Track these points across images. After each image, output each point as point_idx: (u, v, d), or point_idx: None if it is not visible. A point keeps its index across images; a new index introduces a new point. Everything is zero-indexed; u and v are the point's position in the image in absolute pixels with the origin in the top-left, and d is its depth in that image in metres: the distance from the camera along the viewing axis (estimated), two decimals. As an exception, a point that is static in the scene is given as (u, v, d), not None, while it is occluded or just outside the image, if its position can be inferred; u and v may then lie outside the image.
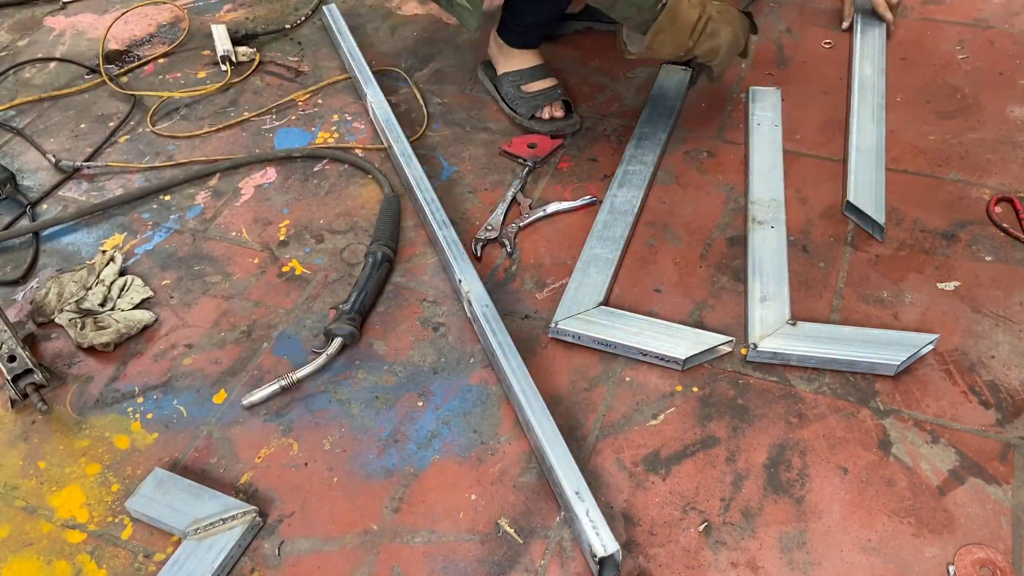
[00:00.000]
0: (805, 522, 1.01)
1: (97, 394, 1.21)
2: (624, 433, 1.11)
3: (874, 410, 1.11)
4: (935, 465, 1.05)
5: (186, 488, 1.07)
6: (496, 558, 1.00)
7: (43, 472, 1.13)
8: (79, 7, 2.06)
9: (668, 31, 1.29)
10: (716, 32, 1.33)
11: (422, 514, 1.05)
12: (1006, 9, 1.77)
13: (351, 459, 1.11)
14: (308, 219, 1.45)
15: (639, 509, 1.04)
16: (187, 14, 1.96)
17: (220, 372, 1.23)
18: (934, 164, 1.44)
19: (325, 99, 1.71)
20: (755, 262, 1.28)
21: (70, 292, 1.32)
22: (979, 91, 1.57)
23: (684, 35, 1.31)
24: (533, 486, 1.07)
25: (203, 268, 1.38)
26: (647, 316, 1.22)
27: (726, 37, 1.35)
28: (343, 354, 1.23)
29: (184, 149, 1.62)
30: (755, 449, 1.08)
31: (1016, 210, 1.34)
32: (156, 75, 1.81)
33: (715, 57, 1.36)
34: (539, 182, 1.48)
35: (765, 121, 1.53)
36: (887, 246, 1.32)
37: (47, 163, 1.60)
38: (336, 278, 1.35)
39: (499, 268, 1.34)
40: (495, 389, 1.17)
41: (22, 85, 1.82)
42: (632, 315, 1.22)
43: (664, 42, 1.31)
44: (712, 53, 1.35)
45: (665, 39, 1.30)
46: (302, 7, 1.98)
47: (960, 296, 1.24)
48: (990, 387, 1.13)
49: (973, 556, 0.97)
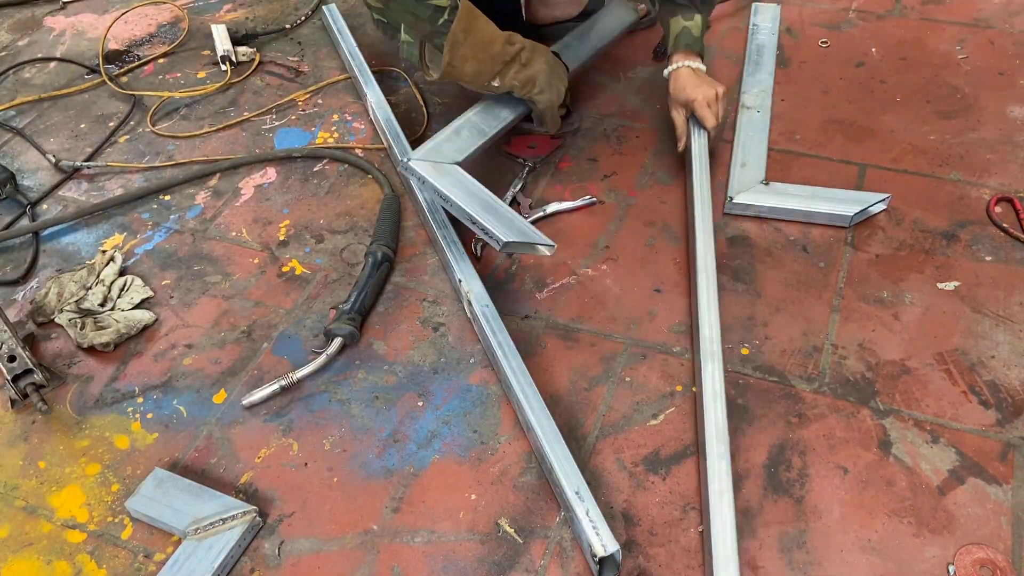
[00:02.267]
0: (805, 522, 1.01)
1: (97, 394, 1.21)
2: (624, 433, 1.11)
3: (874, 410, 1.11)
4: (935, 465, 1.05)
5: (186, 488, 1.07)
6: (496, 558, 1.00)
7: (43, 472, 1.13)
8: (79, 7, 2.06)
9: (466, 45, 1.23)
10: (530, 61, 1.29)
11: (422, 514, 1.05)
12: (1006, 9, 1.77)
13: (351, 459, 1.11)
14: (308, 219, 1.45)
15: (639, 509, 1.04)
16: (187, 14, 1.96)
17: (220, 372, 1.23)
18: (934, 164, 1.44)
19: (325, 99, 1.71)
20: (740, 136, 1.49)
21: (70, 292, 1.32)
22: (979, 91, 1.57)
23: (488, 53, 1.25)
24: (533, 486, 1.07)
25: (203, 268, 1.38)
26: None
27: (540, 67, 1.31)
28: (343, 354, 1.23)
29: (184, 149, 1.62)
30: (755, 449, 1.08)
31: (1016, 210, 1.34)
32: (156, 75, 1.81)
33: (533, 88, 1.31)
34: (539, 182, 1.48)
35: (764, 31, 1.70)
36: (887, 246, 1.32)
37: (47, 163, 1.60)
38: (336, 278, 1.35)
39: (499, 268, 1.34)
40: (495, 389, 1.17)
41: (22, 85, 1.82)
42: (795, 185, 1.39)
43: (466, 58, 1.24)
44: (529, 84, 1.30)
45: (466, 54, 1.24)
46: (302, 7, 1.98)
47: (960, 296, 1.24)
48: (990, 387, 1.13)
49: (973, 556, 0.97)
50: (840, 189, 1.39)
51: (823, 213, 1.34)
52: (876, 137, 1.50)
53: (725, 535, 0.96)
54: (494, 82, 1.29)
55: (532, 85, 1.31)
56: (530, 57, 1.30)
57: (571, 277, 1.32)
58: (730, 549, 0.95)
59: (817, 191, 1.37)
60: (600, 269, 1.32)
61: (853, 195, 1.36)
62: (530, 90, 1.32)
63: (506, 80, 1.29)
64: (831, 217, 1.34)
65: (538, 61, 1.31)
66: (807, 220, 1.35)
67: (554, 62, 1.35)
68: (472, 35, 1.23)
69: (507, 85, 1.31)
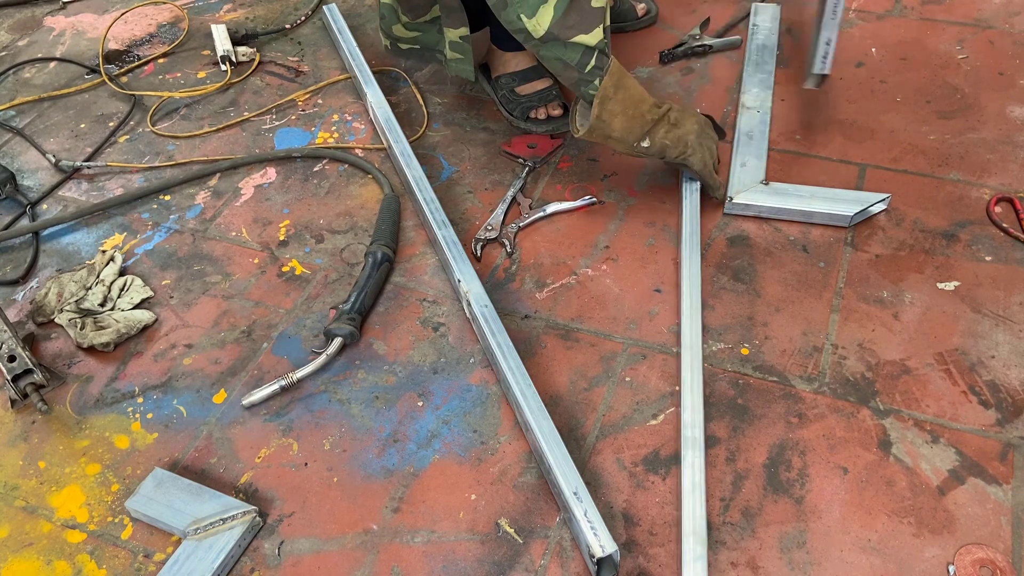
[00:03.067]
0: (805, 522, 1.01)
1: (97, 394, 1.21)
2: (624, 433, 1.11)
3: (874, 410, 1.11)
4: (935, 465, 1.05)
5: (186, 488, 1.07)
6: (496, 558, 1.00)
7: (43, 472, 1.13)
8: (79, 7, 2.06)
9: (616, 100, 1.21)
10: (680, 121, 1.27)
11: (422, 514, 1.05)
12: (1006, 9, 1.77)
13: (351, 459, 1.11)
14: (308, 219, 1.45)
15: (639, 509, 1.04)
16: (187, 14, 1.96)
17: (220, 372, 1.23)
18: (934, 164, 1.44)
19: (325, 99, 1.71)
20: (739, 137, 1.50)
21: (70, 292, 1.32)
22: (979, 91, 1.57)
23: (638, 111, 1.23)
24: (533, 486, 1.07)
25: (203, 268, 1.38)
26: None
27: (691, 127, 1.28)
28: (343, 354, 1.23)
29: (184, 149, 1.62)
30: (755, 449, 1.08)
31: (1016, 210, 1.34)
32: (156, 75, 1.81)
33: (685, 149, 1.27)
34: (539, 182, 1.48)
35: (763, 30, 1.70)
36: (887, 246, 1.32)
37: (47, 163, 1.60)
38: (336, 278, 1.35)
39: (499, 268, 1.34)
40: (495, 389, 1.17)
41: (22, 85, 1.82)
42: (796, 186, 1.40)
43: (615, 113, 1.22)
44: (680, 143, 1.27)
45: (615, 109, 1.22)
46: (302, 7, 1.98)
47: (960, 296, 1.24)
48: (990, 387, 1.13)
49: (973, 556, 0.97)
50: (840, 189, 1.39)
51: (823, 213, 1.34)
52: (876, 137, 1.50)
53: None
54: (643, 142, 1.25)
55: (684, 146, 1.27)
56: (679, 117, 1.27)
57: (571, 277, 1.32)
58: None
59: (817, 191, 1.38)
60: (600, 269, 1.32)
61: (853, 195, 1.36)
62: (682, 151, 1.28)
63: (656, 140, 1.25)
64: (831, 217, 1.34)
65: (688, 121, 1.28)
66: (807, 220, 1.36)
67: (704, 122, 1.32)
68: (622, 91, 1.22)
69: (657, 145, 1.26)
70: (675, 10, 1.83)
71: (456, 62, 1.43)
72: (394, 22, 1.45)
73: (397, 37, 1.47)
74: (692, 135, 1.28)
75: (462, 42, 1.41)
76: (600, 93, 1.21)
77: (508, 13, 1.18)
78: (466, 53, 1.41)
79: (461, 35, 1.40)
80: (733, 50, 1.72)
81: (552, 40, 1.18)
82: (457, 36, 1.40)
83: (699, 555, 0.96)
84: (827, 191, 1.38)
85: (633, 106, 1.23)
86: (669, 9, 1.83)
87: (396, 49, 1.51)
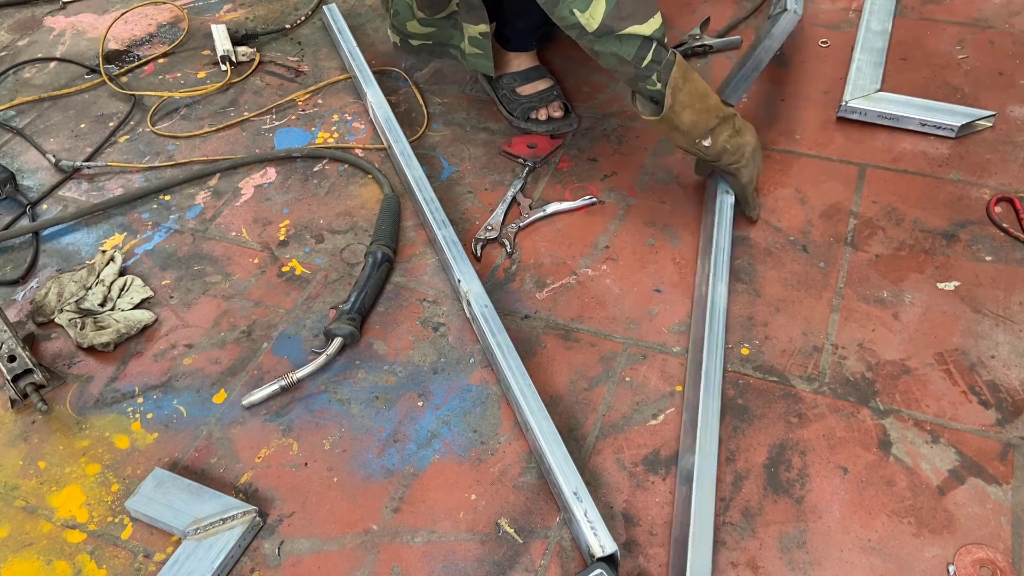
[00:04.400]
0: (805, 522, 1.01)
1: (97, 394, 1.21)
2: (624, 433, 1.11)
3: (874, 410, 1.11)
4: (935, 465, 1.05)
5: (186, 488, 1.07)
6: (496, 558, 1.00)
7: (43, 472, 1.13)
8: (79, 7, 2.06)
9: (685, 92, 1.18)
10: (742, 130, 1.26)
11: (422, 514, 1.05)
12: (1006, 9, 1.77)
13: (351, 459, 1.11)
14: (308, 219, 1.45)
15: (639, 509, 1.04)
16: (187, 14, 1.97)
17: (220, 372, 1.23)
18: (934, 164, 1.44)
19: (325, 99, 1.71)
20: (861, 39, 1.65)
21: (70, 292, 1.32)
22: (979, 91, 1.57)
23: (705, 104, 1.21)
24: (533, 486, 1.07)
25: (203, 268, 1.38)
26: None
27: (750, 139, 1.27)
28: (343, 354, 1.23)
29: (184, 149, 1.62)
30: (755, 449, 1.08)
31: (1016, 210, 1.34)
32: (156, 75, 1.81)
33: (740, 159, 1.25)
34: (539, 182, 1.48)
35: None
36: (887, 246, 1.32)
37: (47, 163, 1.60)
38: (336, 278, 1.35)
39: (499, 268, 1.34)
40: (495, 389, 1.17)
41: (22, 85, 1.82)
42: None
43: (684, 104, 1.19)
44: (738, 151, 1.25)
45: (685, 101, 1.19)
46: (302, 7, 1.98)
47: (960, 296, 1.24)
48: (990, 387, 1.13)
49: (973, 556, 0.97)
50: (947, 103, 1.50)
51: (933, 122, 1.45)
52: (876, 137, 1.50)
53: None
54: (705, 141, 1.23)
55: (740, 156, 1.26)
56: (743, 126, 1.26)
57: (571, 277, 1.32)
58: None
59: (926, 102, 1.49)
60: (600, 269, 1.32)
61: (961, 109, 1.48)
62: (738, 160, 1.26)
63: (718, 141, 1.24)
64: (939, 127, 1.46)
65: (749, 132, 1.27)
66: (916, 129, 1.48)
67: (759, 142, 1.30)
68: (689, 83, 1.20)
69: (718, 147, 1.24)
70: (675, 10, 1.83)
71: (475, 57, 1.44)
72: (409, 18, 1.44)
73: (410, 33, 1.47)
74: (750, 147, 1.27)
75: (482, 38, 1.41)
76: (672, 83, 1.17)
77: (561, 9, 1.15)
78: (486, 49, 1.42)
79: (481, 31, 1.40)
80: (733, 50, 1.72)
81: (606, 34, 1.14)
82: (477, 32, 1.40)
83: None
84: (936, 103, 1.49)
85: (700, 100, 1.21)
86: (669, 9, 1.83)
87: (406, 46, 1.51)
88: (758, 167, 1.31)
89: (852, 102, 1.50)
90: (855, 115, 1.51)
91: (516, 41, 1.57)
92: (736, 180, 1.29)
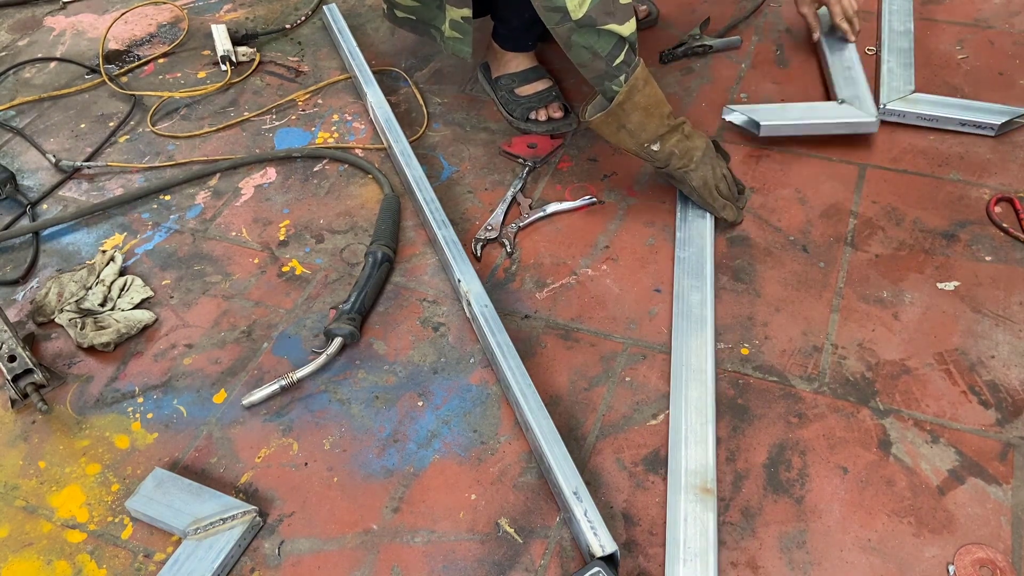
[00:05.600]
0: (805, 522, 1.01)
1: (97, 394, 1.21)
2: (624, 433, 1.11)
3: (874, 410, 1.11)
4: (935, 465, 1.05)
5: (186, 488, 1.07)
6: (496, 558, 1.00)
7: (43, 472, 1.13)
8: (79, 7, 2.06)
9: (642, 94, 1.22)
10: (692, 135, 1.29)
11: (422, 514, 1.05)
12: (1006, 9, 1.77)
13: (351, 459, 1.11)
14: (308, 219, 1.45)
15: (639, 509, 1.04)
16: (187, 14, 1.97)
17: (220, 372, 1.23)
18: (934, 164, 1.44)
19: (325, 99, 1.71)
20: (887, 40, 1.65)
21: (70, 292, 1.32)
22: (979, 91, 1.57)
23: (658, 112, 1.24)
24: (533, 486, 1.07)
25: (203, 268, 1.38)
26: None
27: (700, 144, 1.29)
28: (343, 354, 1.23)
29: (184, 149, 1.62)
30: (755, 449, 1.08)
31: (1016, 210, 1.34)
32: (156, 75, 1.81)
33: (689, 163, 1.28)
34: (539, 182, 1.48)
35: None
36: (887, 246, 1.32)
37: (47, 163, 1.60)
38: (336, 278, 1.35)
39: (499, 268, 1.34)
40: (495, 389, 1.17)
41: (22, 85, 1.82)
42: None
43: (637, 106, 1.23)
44: (686, 156, 1.28)
45: (639, 103, 1.23)
46: (302, 7, 1.98)
47: (960, 296, 1.24)
48: (990, 387, 1.13)
49: (973, 556, 0.97)
50: (985, 102, 1.49)
51: (973, 121, 1.45)
52: (876, 136, 1.50)
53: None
54: (654, 145, 1.27)
55: (689, 159, 1.28)
56: (692, 132, 1.29)
57: (571, 277, 1.32)
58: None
59: (964, 102, 1.49)
60: (600, 269, 1.32)
61: (999, 107, 1.47)
62: (687, 164, 1.29)
63: (666, 146, 1.27)
64: (979, 126, 1.45)
65: (699, 138, 1.30)
66: (956, 129, 1.47)
67: (713, 147, 1.33)
68: (650, 87, 1.24)
69: (665, 151, 1.27)
70: (675, 10, 1.83)
71: (454, 41, 1.44)
72: None
73: (397, 3, 1.47)
74: (699, 152, 1.29)
75: (463, 22, 1.41)
76: (631, 82, 1.21)
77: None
78: (466, 34, 1.42)
79: (463, 15, 1.40)
80: (733, 50, 1.72)
81: (588, 25, 1.16)
82: (459, 16, 1.40)
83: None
84: (973, 103, 1.49)
85: (655, 105, 1.25)
86: (669, 9, 1.83)
87: (392, 16, 1.52)
88: (713, 169, 1.31)
89: (890, 105, 1.49)
90: (894, 117, 1.50)
91: (513, 40, 1.57)
92: (686, 184, 1.31)
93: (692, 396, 1.11)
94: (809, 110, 1.49)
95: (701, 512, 1.00)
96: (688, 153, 1.28)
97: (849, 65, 1.56)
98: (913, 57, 1.61)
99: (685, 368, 1.14)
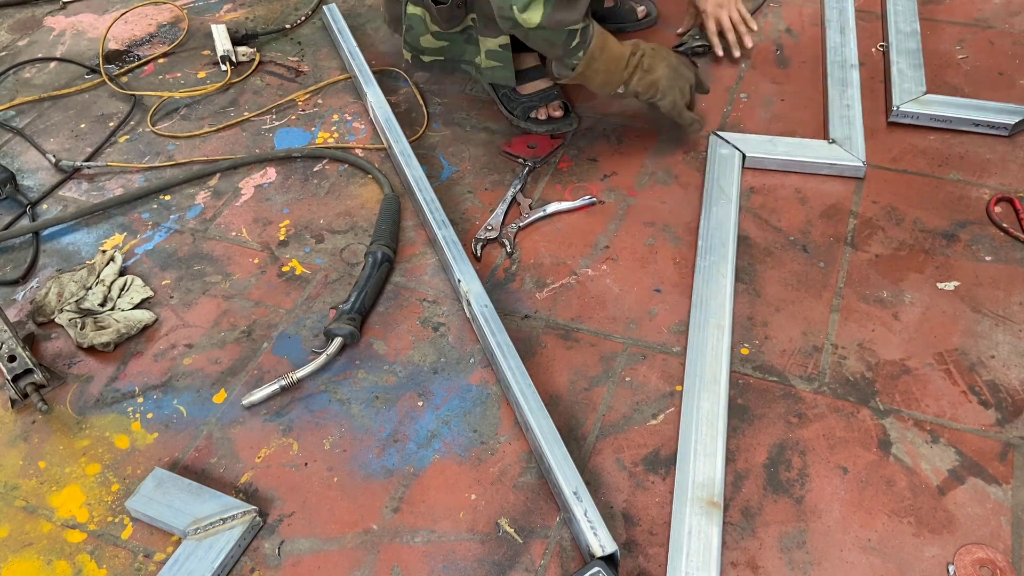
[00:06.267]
0: (805, 522, 1.01)
1: (97, 394, 1.21)
2: (624, 433, 1.11)
3: (874, 410, 1.11)
4: (935, 465, 1.05)
5: (186, 488, 1.07)
6: (496, 558, 1.00)
7: (43, 472, 1.13)
8: (79, 7, 2.06)
9: (601, 60, 1.31)
10: (652, 67, 1.35)
11: (422, 514, 1.05)
12: (1006, 9, 1.77)
13: (351, 459, 1.11)
14: (308, 219, 1.45)
15: (639, 509, 1.04)
16: (187, 14, 1.96)
17: (220, 372, 1.23)
18: (934, 164, 1.44)
19: (325, 99, 1.71)
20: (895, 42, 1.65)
21: (70, 292, 1.32)
22: (979, 91, 1.57)
23: (617, 67, 1.33)
24: (533, 486, 1.07)
25: (203, 268, 1.38)
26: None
27: (662, 72, 1.36)
28: (343, 354, 1.23)
29: (184, 149, 1.62)
30: (755, 449, 1.08)
31: (1016, 210, 1.34)
32: (156, 75, 1.81)
33: (656, 93, 1.37)
34: (539, 182, 1.48)
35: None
36: (887, 246, 1.32)
37: (47, 163, 1.60)
38: (336, 278, 1.35)
39: (499, 268, 1.34)
40: (495, 389, 1.17)
41: (22, 85, 1.82)
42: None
43: (598, 71, 1.32)
44: (651, 88, 1.37)
45: (599, 67, 1.32)
46: (302, 7, 1.98)
47: (960, 296, 1.24)
48: (990, 387, 1.13)
49: (973, 556, 0.97)
50: (996, 102, 1.49)
51: (988, 121, 1.45)
52: (876, 137, 1.50)
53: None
54: (619, 89, 1.37)
55: (654, 89, 1.37)
56: (651, 63, 1.36)
57: (571, 277, 1.32)
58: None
59: (976, 103, 1.49)
60: (600, 269, 1.32)
61: (1011, 107, 1.47)
62: (652, 95, 1.38)
63: (630, 87, 1.37)
64: (993, 126, 1.46)
65: (660, 66, 1.36)
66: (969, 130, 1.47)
67: (676, 63, 1.40)
68: (606, 51, 1.32)
69: (630, 91, 1.38)
70: (675, 10, 1.83)
71: (493, 70, 1.43)
72: (422, 32, 1.43)
73: (423, 49, 1.45)
74: (663, 80, 1.37)
75: (501, 50, 1.40)
76: (588, 54, 1.29)
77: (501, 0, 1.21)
78: (506, 60, 1.42)
79: (501, 43, 1.39)
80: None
81: (541, 28, 1.22)
82: (496, 45, 1.39)
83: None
84: (985, 103, 1.49)
85: (614, 62, 1.33)
86: (669, 9, 1.83)
87: (418, 62, 1.49)
88: (680, 90, 1.40)
89: (903, 107, 1.49)
90: (907, 119, 1.50)
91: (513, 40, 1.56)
92: (658, 110, 1.42)
93: (704, 407, 1.11)
94: (798, 146, 1.46)
95: (706, 526, 0.99)
96: (652, 85, 1.37)
97: (849, 103, 1.53)
98: (922, 58, 1.61)
99: (699, 378, 1.14)
